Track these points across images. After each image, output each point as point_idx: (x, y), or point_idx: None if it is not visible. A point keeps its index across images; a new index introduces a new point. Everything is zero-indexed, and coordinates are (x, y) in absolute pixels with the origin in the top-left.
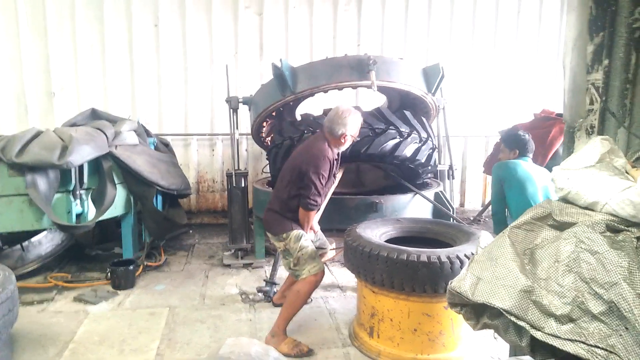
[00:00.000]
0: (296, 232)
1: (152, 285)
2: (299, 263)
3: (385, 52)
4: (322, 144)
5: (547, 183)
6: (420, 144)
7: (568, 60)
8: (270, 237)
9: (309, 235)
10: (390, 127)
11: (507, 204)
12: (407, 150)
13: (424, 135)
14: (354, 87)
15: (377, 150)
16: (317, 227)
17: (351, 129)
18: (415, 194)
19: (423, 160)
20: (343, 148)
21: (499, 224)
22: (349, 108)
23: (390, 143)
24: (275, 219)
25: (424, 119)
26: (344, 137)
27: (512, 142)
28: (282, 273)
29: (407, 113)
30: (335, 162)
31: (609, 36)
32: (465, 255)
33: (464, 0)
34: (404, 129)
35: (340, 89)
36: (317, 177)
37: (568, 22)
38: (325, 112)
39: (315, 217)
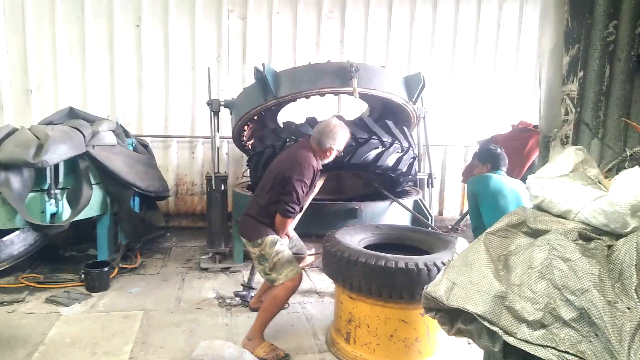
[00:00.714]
0: (271, 237)
1: (127, 288)
2: (275, 268)
3: (367, 60)
4: (308, 152)
5: (520, 194)
6: (401, 154)
7: (544, 71)
8: (245, 243)
9: (284, 241)
10: (372, 137)
11: (483, 219)
12: (389, 160)
13: (405, 144)
14: (336, 94)
15: (359, 160)
16: (292, 233)
17: (339, 144)
18: (393, 202)
19: (404, 170)
20: (326, 161)
21: None
22: (340, 123)
23: (373, 153)
24: (251, 224)
25: (405, 128)
26: (330, 151)
27: (485, 157)
28: (260, 277)
29: (389, 123)
30: (318, 172)
31: (584, 48)
32: (442, 263)
33: (445, 12)
34: (386, 138)
35: (322, 94)
36: (300, 185)
37: (544, 33)
38: (308, 120)
39: (291, 223)
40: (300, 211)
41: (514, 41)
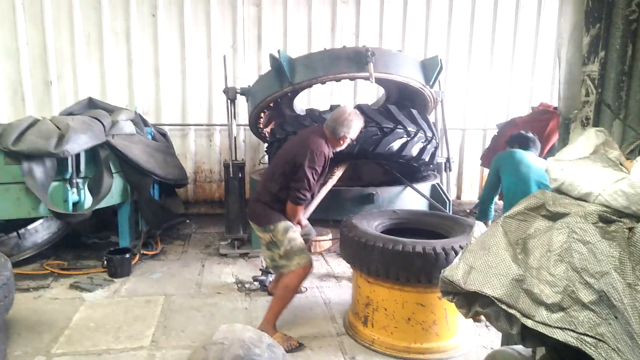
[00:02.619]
0: (284, 223)
1: (148, 274)
2: (287, 255)
3: (384, 45)
4: (320, 139)
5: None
6: (425, 143)
7: (564, 52)
8: (255, 229)
9: (296, 228)
10: (398, 127)
11: (502, 188)
12: (414, 150)
13: (429, 134)
14: (352, 79)
15: (384, 150)
16: (305, 222)
17: (353, 132)
18: (408, 186)
19: (427, 159)
20: (339, 149)
21: (482, 212)
22: (355, 111)
23: (398, 143)
24: (262, 210)
25: (428, 117)
26: (344, 139)
27: (513, 140)
28: None
29: (414, 111)
30: (329, 159)
31: (605, 28)
32: (460, 247)
33: None
34: (412, 128)
35: (338, 80)
36: (311, 172)
37: (564, 13)
38: (333, 107)
39: (305, 212)
40: (312, 198)
41: (533, 22)
